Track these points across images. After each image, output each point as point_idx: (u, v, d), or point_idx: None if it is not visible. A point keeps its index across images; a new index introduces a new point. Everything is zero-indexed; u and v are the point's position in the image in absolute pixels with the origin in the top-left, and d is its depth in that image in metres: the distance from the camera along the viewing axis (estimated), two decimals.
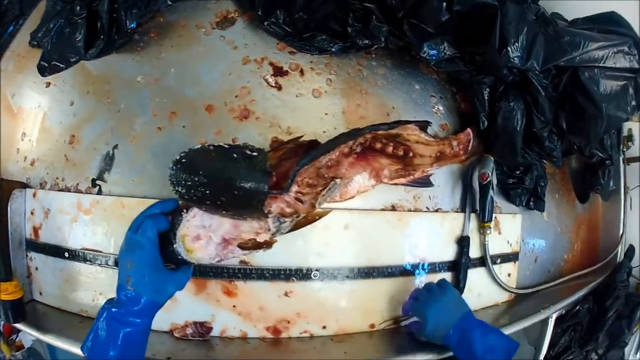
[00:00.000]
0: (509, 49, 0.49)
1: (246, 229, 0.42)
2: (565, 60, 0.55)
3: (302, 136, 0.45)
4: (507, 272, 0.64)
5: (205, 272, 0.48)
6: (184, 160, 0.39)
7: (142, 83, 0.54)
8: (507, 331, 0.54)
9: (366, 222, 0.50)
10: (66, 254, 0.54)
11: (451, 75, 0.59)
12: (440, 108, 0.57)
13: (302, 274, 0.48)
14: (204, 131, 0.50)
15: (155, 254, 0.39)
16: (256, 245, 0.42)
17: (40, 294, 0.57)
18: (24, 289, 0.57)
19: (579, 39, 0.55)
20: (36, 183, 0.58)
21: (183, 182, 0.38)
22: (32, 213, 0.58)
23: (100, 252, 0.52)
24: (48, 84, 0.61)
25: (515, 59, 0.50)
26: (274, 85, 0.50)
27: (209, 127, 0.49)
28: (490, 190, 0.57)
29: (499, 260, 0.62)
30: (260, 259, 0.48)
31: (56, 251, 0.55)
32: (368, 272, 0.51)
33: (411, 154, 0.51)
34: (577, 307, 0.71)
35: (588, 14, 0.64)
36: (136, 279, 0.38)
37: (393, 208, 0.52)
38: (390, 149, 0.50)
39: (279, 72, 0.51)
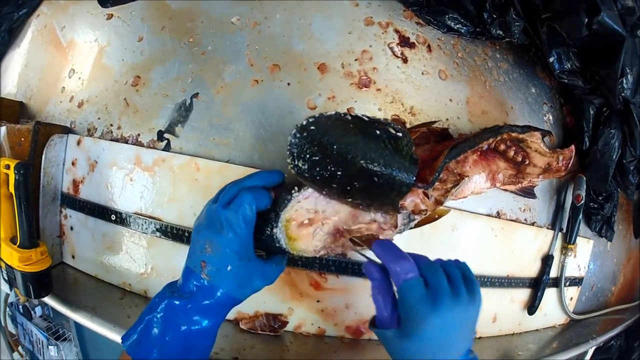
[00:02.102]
0: (624, 79, 0.49)
1: (366, 221, 0.35)
2: None
3: (436, 121, 0.39)
4: (570, 296, 0.63)
5: (293, 260, 0.41)
6: (312, 128, 0.29)
7: (237, 25, 0.45)
8: (560, 357, 0.53)
9: (473, 226, 0.46)
10: (113, 217, 0.45)
11: (562, 85, 0.55)
12: (550, 118, 0.53)
13: None
14: (313, 93, 0.42)
15: (248, 238, 0.31)
16: (370, 242, 0.36)
17: (73, 257, 0.48)
18: (53, 249, 0.47)
19: None
20: (83, 129, 0.48)
21: (308, 157, 0.29)
22: (73, 164, 0.48)
23: (158, 219, 0.44)
24: (110, 16, 0.50)
25: (628, 90, 0.50)
26: (399, 55, 0.43)
27: (320, 90, 0.42)
28: (581, 213, 0.55)
29: (567, 283, 0.60)
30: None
31: (100, 212, 0.46)
32: None
33: (527, 162, 0.47)
34: (612, 342, 0.72)
35: None
36: (216, 267, 0.30)
37: (498, 215, 0.48)
38: (512, 153, 0.45)
39: (405, 42, 0.44)
